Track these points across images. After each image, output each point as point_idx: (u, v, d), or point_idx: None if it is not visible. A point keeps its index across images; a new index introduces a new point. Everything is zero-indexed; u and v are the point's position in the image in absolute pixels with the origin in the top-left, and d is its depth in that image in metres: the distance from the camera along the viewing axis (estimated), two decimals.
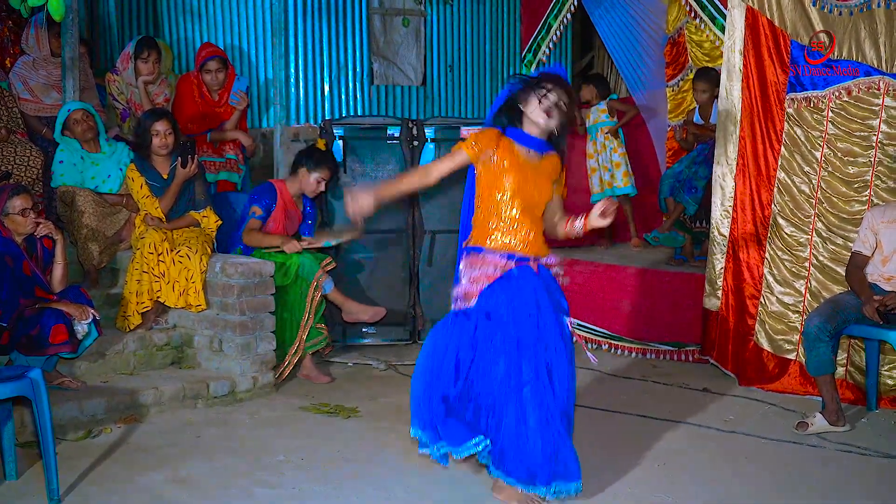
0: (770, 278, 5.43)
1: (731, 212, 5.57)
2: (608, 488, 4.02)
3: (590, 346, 6.49)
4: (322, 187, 5.82)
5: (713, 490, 4.03)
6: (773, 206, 5.40)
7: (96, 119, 5.88)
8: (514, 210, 3.85)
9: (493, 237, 3.87)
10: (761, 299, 5.47)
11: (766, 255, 5.45)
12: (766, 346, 5.45)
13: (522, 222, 3.86)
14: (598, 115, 7.33)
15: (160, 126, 5.56)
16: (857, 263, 4.84)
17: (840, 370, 5.16)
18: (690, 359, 6.04)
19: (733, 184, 5.54)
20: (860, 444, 4.58)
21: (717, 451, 4.51)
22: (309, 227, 5.93)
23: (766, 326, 5.45)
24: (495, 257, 3.87)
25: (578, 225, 3.95)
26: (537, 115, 3.81)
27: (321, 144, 6.14)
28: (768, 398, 5.32)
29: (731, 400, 5.32)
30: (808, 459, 4.40)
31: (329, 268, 5.65)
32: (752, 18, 5.39)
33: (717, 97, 6.81)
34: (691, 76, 7.57)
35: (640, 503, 3.90)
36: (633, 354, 6.26)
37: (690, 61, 7.81)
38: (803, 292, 5.31)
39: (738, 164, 5.51)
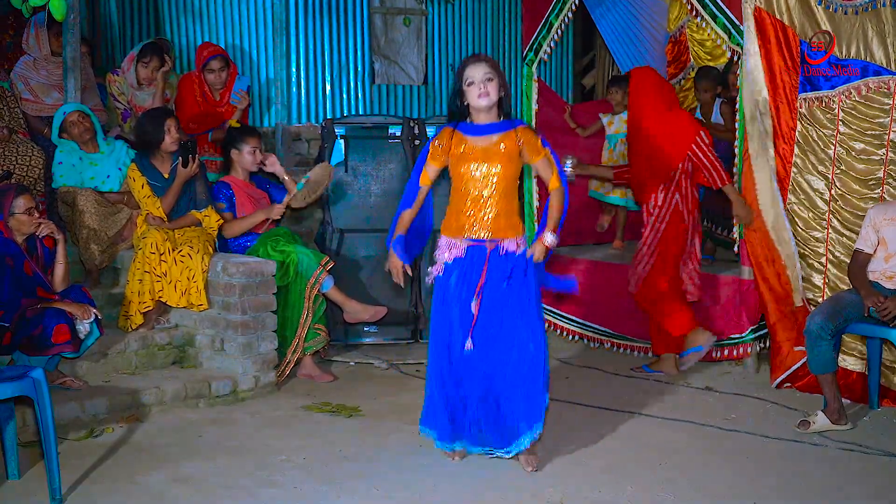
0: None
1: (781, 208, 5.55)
2: (609, 486, 4.02)
3: (592, 344, 6.50)
4: (259, 155, 5.88)
5: (714, 489, 4.03)
6: (788, 203, 5.41)
7: (93, 119, 5.89)
8: (474, 193, 4.09)
9: (454, 224, 4.16)
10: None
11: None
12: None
13: (480, 206, 4.09)
14: (620, 125, 7.26)
15: (172, 122, 5.60)
16: (858, 261, 4.84)
17: (858, 364, 5.17)
18: None
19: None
20: (862, 442, 4.57)
21: (719, 449, 4.51)
22: (280, 195, 5.97)
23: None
24: (452, 242, 4.16)
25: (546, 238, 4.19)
26: (476, 101, 4.05)
27: (234, 123, 6.29)
28: (769, 396, 5.32)
29: (732, 398, 5.32)
30: (809, 458, 4.40)
31: (329, 266, 5.66)
32: (759, 18, 5.38)
33: (718, 95, 6.81)
34: (692, 75, 7.57)
35: (641, 502, 3.90)
36: (636, 353, 6.25)
37: (692, 60, 7.80)
38: (822, 287, 5.32)
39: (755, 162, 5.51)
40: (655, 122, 5.64)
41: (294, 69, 7.17)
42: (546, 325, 6.62)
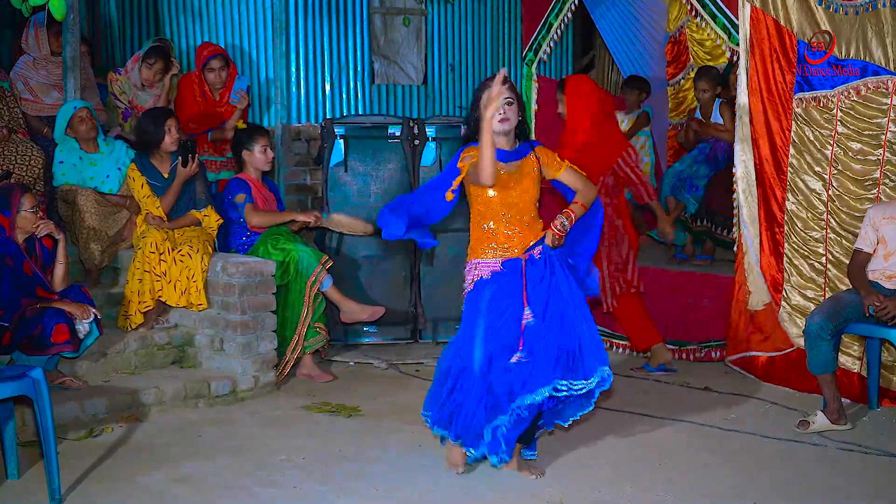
0: (791, 272, 5.43)
1: (756, 212, 5.57)
2: (608, 486, 4.02)
3: None
4: (270, 153, 5.91)
5: (714, 489, 4.03)
6: (787, 203, 5.41)
7: (96, 118, 5.90)
8: (503, 219, 4.05)
9: (484, 248, 4.08)
10: (784, 293, 5.47)
11: (786, 252, 5.45)
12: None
13: (509, 229, 4.05)
14: (627, 125, 7.26)
15: (173, 122, 5.60)
16: (858, 261, 4.84)
17: (857, 364, 5.17)
18: (692, 357, 6.04)
19: (755, 184, 5.54)
20: (861, 442, 4.57)
21: (718, 449, 4.51)
22: (281, 205, 6.04)
23: (788, 320, 5.45)
24: (486, 262, 4.08)
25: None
26: (496, 125, 3.95)
27: (240, 125, 6.28)
28: (769, 396, 5.32)
29: (732, 398, 5.32)
30: (809, 458, 4.40)
31: (328, 265, 5.66)
32: (755, 18, 5.38)
33: (718, 95, 6.81)
34: (692, 75, 7.57)
35: (641, 502, 3.90)
36: (635, 353, 6.26)
37: (691, 60, 7.80)
38: (822, 286, 5.32)
39: (755, 163, 5.52)
40: (588, 132, 5.57)
41: (294, 69, 7.16)
42: None
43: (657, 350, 5.83)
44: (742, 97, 5.50)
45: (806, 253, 5.38)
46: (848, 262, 5.14)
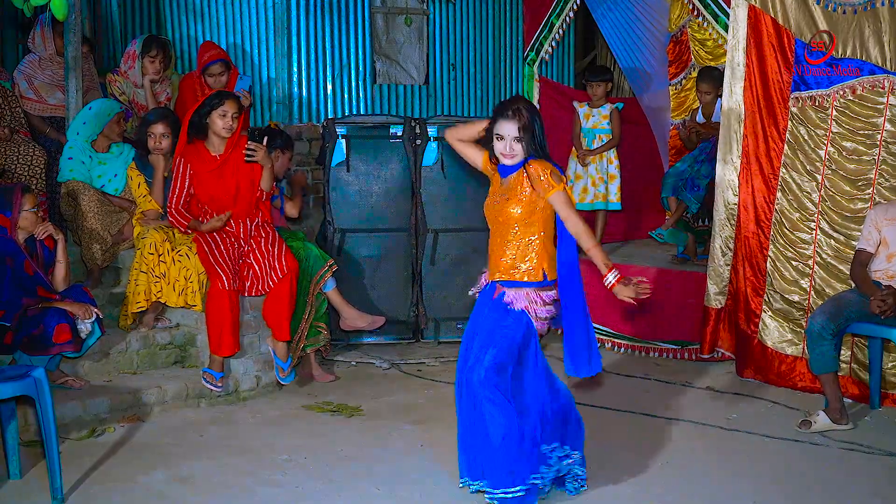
0: (775, 276, 5.43)
1: (736, 210, 5.57)
2: (609, 486, 4.02)
3: None
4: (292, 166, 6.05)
5: (715, 489, 4.03)
6: (776, 204, 5.41)
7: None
8: (496, 236, 3.95)
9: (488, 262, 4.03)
10: (765, 297, 5.47)
11: (770, 253, 5.45)
12: (769, 343, 5.45)
13: (499, 247, 3.93)
14: (599, 119, 7.13)
15: (156, 128, 5.64)
16: (861, 261, 4.84)
17: (844, 367, 5.16)
18: (693, 357, 6.03)
19: (737, 182, 5.54)
20: (863, 442, 4.57)
21: (720, 449, 4.51)
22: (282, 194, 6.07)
23: (772, 324, 5.45)
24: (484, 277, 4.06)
25: (607, 280, 4.10)
26: (501, 158, 3.88)
27: (273, 125, 6.24)
28: (771, 396, 5.32)
29: (733, 398, 5.32)
30: (810, 458, 4.40)
31: (334, 269, 5.66)
32: (754, 17, 5.38)
33: (720, 96, 6.80)
34: (694, 74, 7.55)
35: (641, 501, 3.90)
36: (636, 353, 6.26)
37: (693, 59, 7.79)
38: (808, 290, 5.31)
39: (741, 162, 5.51)
40: None
41: (295, 69, 7.17)
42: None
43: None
44: (727, 100, 5.51)
45: (791, 255, 5.36)
46: (836, 262, 5.14)
